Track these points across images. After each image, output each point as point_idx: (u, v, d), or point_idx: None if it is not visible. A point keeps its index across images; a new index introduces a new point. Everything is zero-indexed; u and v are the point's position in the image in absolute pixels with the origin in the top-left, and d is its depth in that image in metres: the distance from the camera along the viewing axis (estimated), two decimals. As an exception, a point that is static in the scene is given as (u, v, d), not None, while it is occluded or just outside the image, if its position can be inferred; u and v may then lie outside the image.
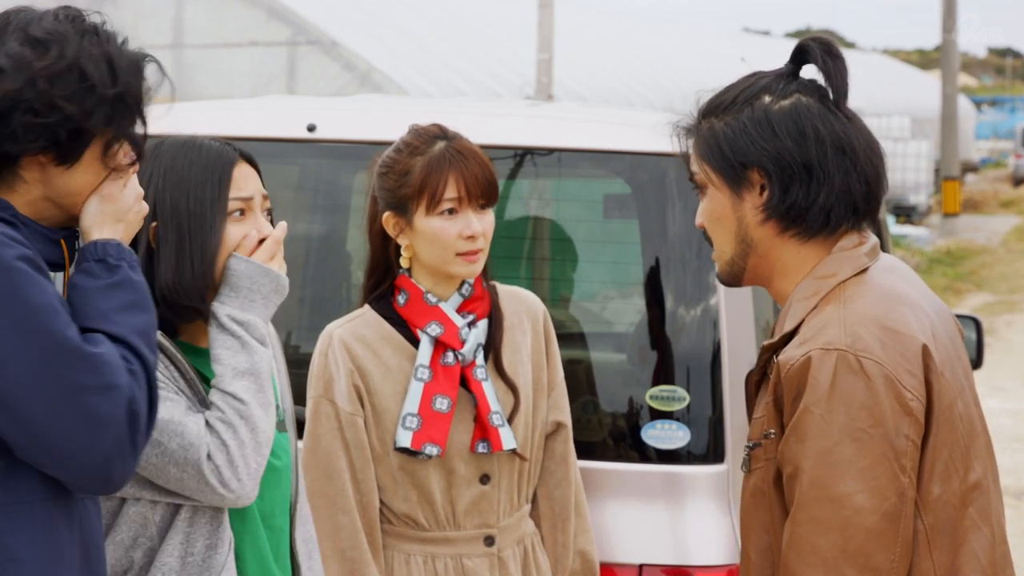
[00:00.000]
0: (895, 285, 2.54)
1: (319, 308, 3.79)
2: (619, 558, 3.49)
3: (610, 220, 3.82)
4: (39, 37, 2.23)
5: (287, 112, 4.08)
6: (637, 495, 3.51)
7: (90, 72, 2.23)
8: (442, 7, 21.76)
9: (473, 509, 3.20)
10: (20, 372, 2.10)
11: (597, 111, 4.56)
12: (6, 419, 2.12)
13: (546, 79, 15.33)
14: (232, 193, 2.65)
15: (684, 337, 3.54)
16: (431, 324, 3.16)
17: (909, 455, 2.38)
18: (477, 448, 3.17)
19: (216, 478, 2.51)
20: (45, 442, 2.13)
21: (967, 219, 27.78)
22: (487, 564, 3.21)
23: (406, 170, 3.15)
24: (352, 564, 3.12)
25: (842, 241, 2.56)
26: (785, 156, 2.51)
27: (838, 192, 2.52)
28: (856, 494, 2.36)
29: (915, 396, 2.40)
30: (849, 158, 2.52)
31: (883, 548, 2.37)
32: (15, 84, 2.19)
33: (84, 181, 2.29)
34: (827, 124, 2.52)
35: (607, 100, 20.11)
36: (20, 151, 2.22)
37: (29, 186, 2.26)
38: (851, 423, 2.37)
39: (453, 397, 3.14)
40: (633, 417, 3.56)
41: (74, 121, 2.22)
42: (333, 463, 3.13)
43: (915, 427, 2.39)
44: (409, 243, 3.17)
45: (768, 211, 2.53)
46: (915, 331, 2.44)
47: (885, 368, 2.39)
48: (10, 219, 2.23)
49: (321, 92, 15.64)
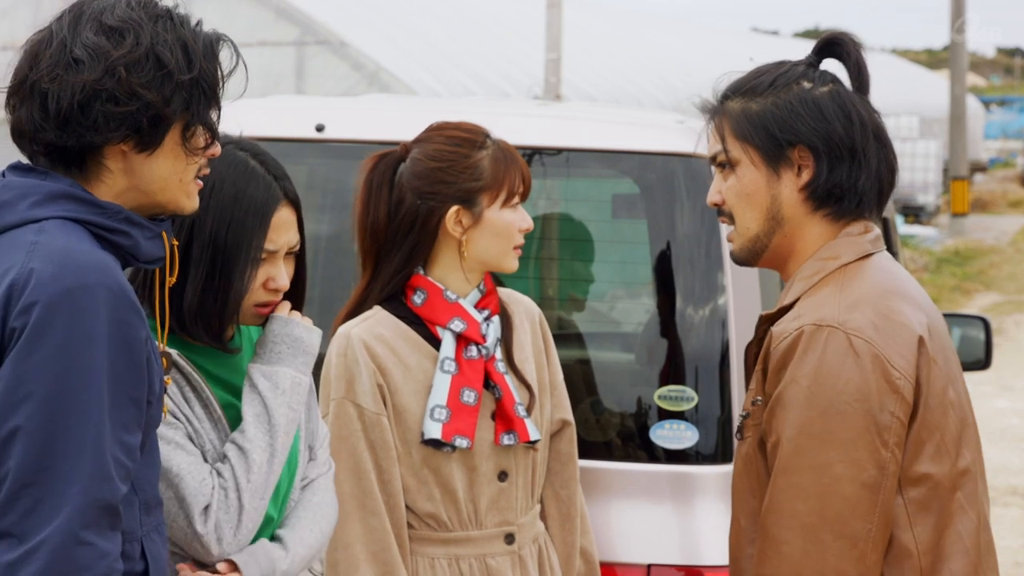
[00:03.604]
0: (896, 275, 2.62)
1: (327, 308, 3.79)
2: (628, 558, 3.49)
3: (619, 220, 3.82)
4: (114, 26, 2.23)
5: (296, 112, 4.08)
6: (646, 495, 3.51)
7: (166, 58, 2.24)
8: (451, 7, 21.75)
9: (493, 507, 3.21)
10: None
11: (606, 111, 4.56)
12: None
13: (555, 79, 15.31)
14: (265, 244, 2.66)
15: (693, 337, 3.54)
16: (454, 320, 3.17)
17: (893, 431, 2.47)
18: (502, 440, 3.18)
19: (213, 535, 2.53)
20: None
21: (976, 219, 27.74)
22: (509, 563, 3.21)
23: (475, 164, 3.16)
24: (385, 566, 3.11)
25: (849, 227, 2.64)
26: (834, 137, 2.61)
27: (873, 177, 2.63)
28: (836, 463, 2.45)
29: (903, 376, 2.48)
30: (884, 146, 2.65)
31: (860, 517, 2.46)
32: (94, 74, 2.20)
33: (167, 167, 2.29)
34: (868, 112, 2.65)
35: (616, 100, 20.08)
36: (103, 140, 2.22)
37: (115, 176, 2.26)
38: (837, 396, 2.46)
39: (479, 390, 3.15)
40: (642, 417, 3.56)
41: (155, 108, 2.23)
42: (360, 465, 3.12)
43: (901, 405, 2.48)
44: (466, 238, 3.18)
45: (810, 189, 2.63)
46: (910, 321, 2.52)
47: (874, 347, 2.47)
48: (123, 226, 2.23)
49: (330, 92, 15.64)
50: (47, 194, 2.22)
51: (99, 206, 2.23)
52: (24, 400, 2.09)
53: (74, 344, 2.10)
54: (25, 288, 2.11)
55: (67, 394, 2.10)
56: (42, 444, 2.09)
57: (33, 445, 2.09)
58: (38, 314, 2.10)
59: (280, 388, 2.63)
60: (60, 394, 2.09)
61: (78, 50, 2.21)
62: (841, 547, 2.46)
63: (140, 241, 2.26)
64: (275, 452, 2.58)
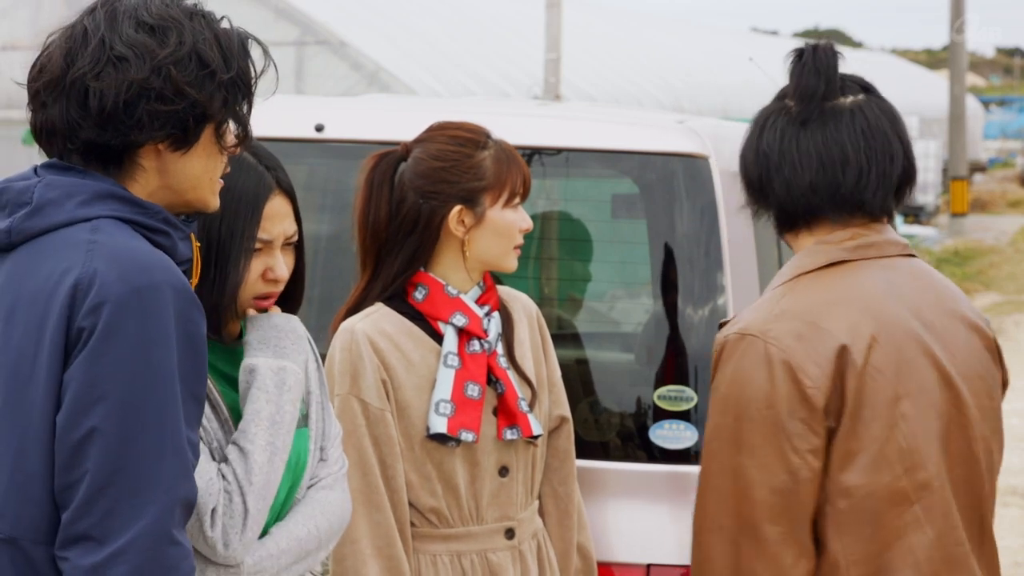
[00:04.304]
0: (862, 283, 2.62)
1: (327, 307, 3.79)
2: (627, 558, 3.49)
3: (618, 220, 3.82)
4: (154, 24, 2.21)
5: (295, 112, 4.08)
6: (645, 495, 3.51)
7: (208, 57, 2.23)
8: (451, 7, 21.75)
9: (494, 502, 3.21)
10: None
11: (606, 111, 4.56)
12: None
13: (554, 79, 15.31)
14: (259, 233, 2.65)
15: (692, 337, 3.54)
16: (456, 315, 3.17)
17: (804, 438, 2.51)
18: (505, 435, 3.19)
19: (219, 540, 2.51)
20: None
21: (975, 219, 27.74)
22: (509, 558, 3.22)
23: (477, 164, 3.17)
24: (390, 561, 3.11)
25: (831, 234, 2.66)
26: (743, 164, 2.78)
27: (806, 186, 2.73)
28: (748, 468, 2.53)
29: (815, 385, 2.51)
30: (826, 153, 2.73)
31: (771, 521, 2.51)
32: (142, 73, 2.18)
33: (200, 165, 2.28)
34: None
35: (616, 100, 20.08)
36: (146, 139, 2.20)
37: (148, 175, 2.24)
38: (748, 404, 2.53)
39: (483, 384, 3.16)
40: (641, 417, 3.56)
41: (200, 106, 2.22)
42: (365, 460, 3.12)
43: (812, 413, 2.51)
44: (468, 237, 3.18)
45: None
46: (839, 330, 2.55)
47: (788, 356, 2.52)
48: (163, 227, 2.22)
49: (329, 92, 15.64)
50: (94, 193, 2.20)
51: (142, 206, 2.22)
52: (99, 401, 2.08)
53: (146, 343, 2.09)
54: (91, 288, 2.10)
55: (142, 393, 2.09)
56: (119, 445, 2.08)
57: (111, 446, 2.08)
58: (108, 314, 2.09)
59: (287, 385, 2.61)
60: (135, 394, 2.08)
61: (122, 47, 2.19)
62: (754, 549, 2.52)
63: (177, 242, 2.25)
64: (276, 450, 2.57)
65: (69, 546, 2.09)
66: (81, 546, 2.08)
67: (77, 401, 2.08)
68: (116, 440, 2.08)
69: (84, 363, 2.09)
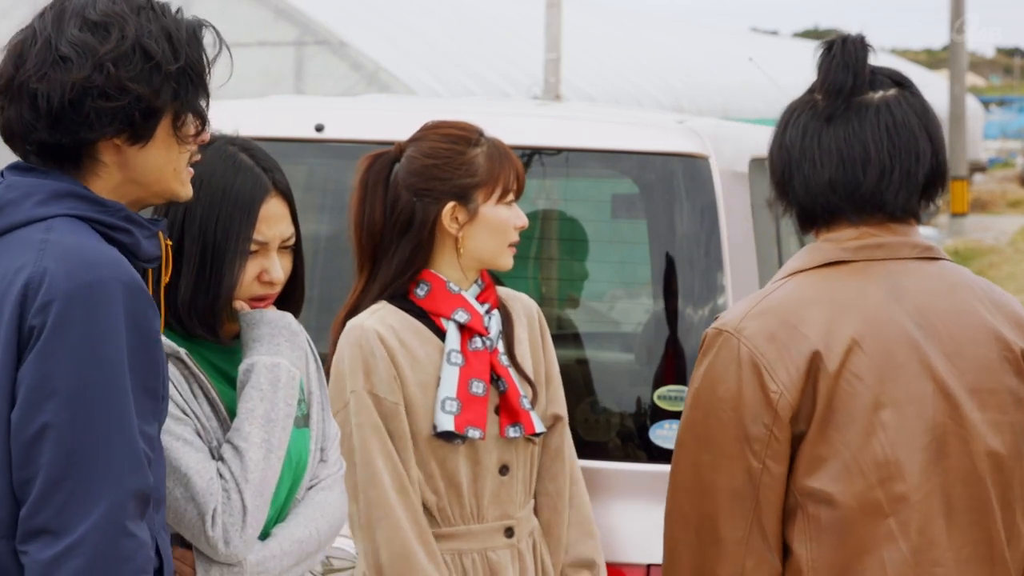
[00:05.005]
0: (857, 285, 2.52)
1: (326, 308, 3.79)
2: (627, 558, 3.49)
3: (618, 220, 3.83)
4: (98, 21, 2.23)
5: (295, 112, 4.08)
6: (645, 495, 3.51)
7: (153, 50, 2.23)
8: (451, 7, 21.74)
9: (494, 500, 3.22)
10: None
11: (605, 111, 4.56)
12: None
13: (554, 79, 15.31)
14: (254, 235, 2.65)
15: (692, 337, 3.54)
16: (457, 311, 3.18)
17: (765, 442, 2.44)
18: (508, 433, 3.19)
19: (220, 539, 2.51)
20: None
21: (975, 219, 27.75)
22: (509, 556, 3.22)
23: (470, 160, 3.18)
24: (428, 546, 3.13)
25: (835, 233, 2.58)
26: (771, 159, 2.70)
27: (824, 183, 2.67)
28: (711, 467, 2.48)
29: (782, 390, 2.44)
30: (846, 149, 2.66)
31: (728, 523, 2.47)
32: (83, 72, 2.20)
33: (160, 157, 2.29)
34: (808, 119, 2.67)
35: (616, 100, 20.08)
36: (97, 136, 2.22)
37: (110, 170, 2.26)
38: (717, 402, 2.48)
39: (487, 381, 3.17)
40: (641, 417, 3.56)
41: (145, 101, 2.23)
42: (388, 451, 3.13)
43: (775, 418, 2.44)
44: (462, 234, 3.18)
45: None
46: (814, 333, 2.46)
47: (757, 357, 2.46)
48: (124, 224, 2.24)
49: (329, 92, 15.63)
50: (51, 192, 2.22)
51: (102, 204, 2.24)
52: (50, 396, 2.10)
53: (94, 338, 2.11)
54: (41, 286, 2.12)
55: (92, 388, 2.11)
56: (72, 439, 2.10)
57: (63, 441, 2.10)
58: (56, 311, 2.11)
59: (281, 382, 2.62)
60: (85, 388, 2.11)
61: (64, 47, 2.21)
62: (713, 549, 2.48)
63: (140, 240, 2.27)
64: (272, 447, 2.57)
65: (29, 540, 2.11)
66: (40, 540, 2.10)
67: (29, 397, 2.11)
68: (68, 434, 2.10)
69: (35, 360, 2.11)
